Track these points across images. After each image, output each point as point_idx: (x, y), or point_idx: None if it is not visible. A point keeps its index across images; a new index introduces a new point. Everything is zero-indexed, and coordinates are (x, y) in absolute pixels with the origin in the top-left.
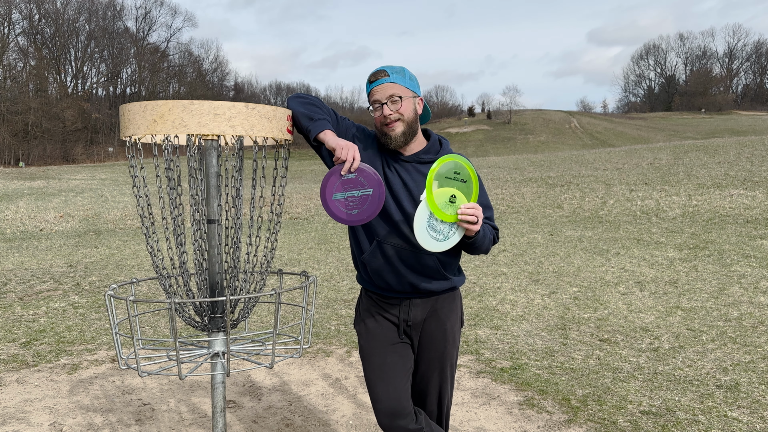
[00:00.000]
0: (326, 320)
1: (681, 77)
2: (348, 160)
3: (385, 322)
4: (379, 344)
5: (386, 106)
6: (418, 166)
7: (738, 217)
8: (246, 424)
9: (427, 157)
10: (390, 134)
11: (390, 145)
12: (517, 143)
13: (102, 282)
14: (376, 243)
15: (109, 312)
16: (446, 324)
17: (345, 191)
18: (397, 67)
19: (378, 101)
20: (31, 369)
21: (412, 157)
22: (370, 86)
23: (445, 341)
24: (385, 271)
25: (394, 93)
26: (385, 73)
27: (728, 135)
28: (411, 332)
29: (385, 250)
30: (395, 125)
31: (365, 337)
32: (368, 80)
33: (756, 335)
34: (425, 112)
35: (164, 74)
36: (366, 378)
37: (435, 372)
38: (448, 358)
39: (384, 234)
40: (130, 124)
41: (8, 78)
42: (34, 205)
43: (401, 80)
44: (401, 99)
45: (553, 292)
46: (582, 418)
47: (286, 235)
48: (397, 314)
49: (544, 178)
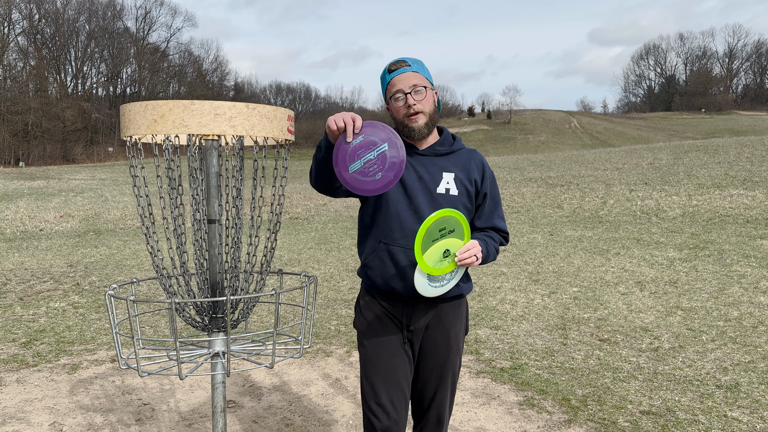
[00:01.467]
0: (326, 320)
1: (681, 77)
2: (348, 124)
3: (389, 325)
4: (384, 347)
5: (410, 95)
6: (434, 159)
7: (738, 217)
8: (246, 424)
9: (443, 149)
10: (413, 126)
11: (414, 137)
12: (517, 143)
13: (102, 282)
14: (381, 245)
15: (109, 312)
16: (450, 332)
17: (359, 158)
18: (415, 58)
19: (401, 91)
20: (31, 369)
21: (428, 150)
22: (390, 75)
23: (448, 349)
24: (389, 275)
25: (418, 83)
26: (406, 63)
27: (728, 135)
28: (413, 338)
29: (392, 252)
30: (419, 117)
31: (369, 338)
32: (387, 69)
33: (756, 335)
34: (438, 105)
35: (164, 74)
36: (368, 381)
37: (436, 381)
38: (451, 367)
39: (391, 234)
40: (130, 123)
41: (8, 78)
42: (34, 205)
43: (422, 70)
44: (425, 89)
45: (553, 292)
46: (582, 418)
47: (286, 235)
48: (400, 318)
49: (544, 178)
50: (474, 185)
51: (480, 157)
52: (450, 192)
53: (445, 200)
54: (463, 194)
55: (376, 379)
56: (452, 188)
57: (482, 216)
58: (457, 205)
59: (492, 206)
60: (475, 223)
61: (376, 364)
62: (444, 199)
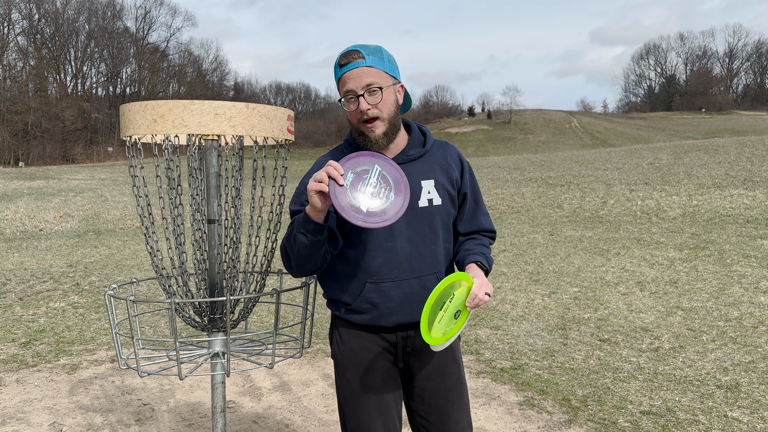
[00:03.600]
0: (326, 320)
1: (681, 77)
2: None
3: (379, 351)
4: (374, 377)
5: (363, 99)
6: (409, 167)
7: (738, 217)
8: (246, 425)
9: (417, 152)
10: (369, 135)
11: (370, 147)
12: (517, 143)
13: (102, 282)
14: (369, 285)
15: (109, 312)
16: (453, 343)
17: (363, 192)
18: (373, 46)
19: (352, 92)
20: (30, 369)
21: (400, 157)
22: (341, 71)
23: (456, 364)
24: (383, 313)
25: (372, 82)
26: (359, 55)
27: (728, 135)
28: (409, 359)
29: (383, 290)
30: (375, 125)
31: (354, 368)
32: (337, 63)
33: (756, 335)
34: (406, 99)
35: (164, 74)
36: (355, 420)
37: (455, 404)
38: (464, 383)
39: (378, 271)
40: (130, 123)
41: (8, 78)
42: (34, 205)
43: (379, 63)
44: (381, 90)
45: (554, 292)
46: (582, 418)
47: None
48: (394, 340)
49: (544, 178)
50: (455, 186)
51: (454, 150)
52: (433, 202)
53: (429, 213)
54: (446, 201)
55: (364, 417)
56: (435, 197)
57: (464, 218)
58: (441, 215)
59: (474, 205)
60: (458, 227)
61: (366, 399)
62: (428, 213)
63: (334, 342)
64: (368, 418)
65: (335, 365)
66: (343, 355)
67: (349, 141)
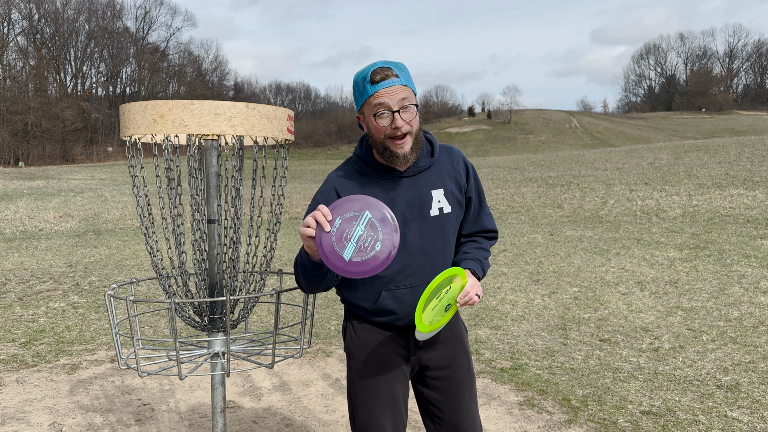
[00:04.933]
0: (326, 320)
1: (681, 77)
2: (318, 218)
3: (392, 344)
4: (385, 370)
5: (398, 115)
6: (419, 178)
7: (738, 217)
8: (246, 425)
9: (425, 163)
10: (398, 152)
11: (396, 164)
12: (517, 143)
13: (102, 282)
14: (385, 293)
15: (108, 312)
16: (462, 334)
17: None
18: (399, 64)
19: (388, 108)
20: (30, 369)
21: (411, 170)
22: (375, 87)
23: (466, 354)
24: (400, 316)
25: (407, 98)
26: (392, 72)
27: (728, 135)
28: (421, 352)
29: (399, 296)
30: (405, 141)
31: (368, 361)
32: (369, 79)
33: (756, 335)
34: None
35: (164, 74)
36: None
37: (466, 393)
38: (473, 374)
39: (393, 279)
40: (130, 123)
41: (8, 78)
42: (34, 205)
43: (409, 82)
44: (415, 107)
45: (554, 292)
46: (582, 418)
47: (286, 235)
48: (407, 335)
49: (544, 178)
50: (463, 191)
51: (459, 155)
52: (444, 211)
53: (440, 221)
54: (456, 208)
55: (375, 409)
56: (445, 206)
57: (469, 220)
58: (452, 222)
59: (478, 207)
60: (462, 228)
61: (377, 391)
62: (439, 221)
63: (348, 335)
64: (378, 410)
65: (348, 358)
66: (356, 348)
67: (360, 155)
